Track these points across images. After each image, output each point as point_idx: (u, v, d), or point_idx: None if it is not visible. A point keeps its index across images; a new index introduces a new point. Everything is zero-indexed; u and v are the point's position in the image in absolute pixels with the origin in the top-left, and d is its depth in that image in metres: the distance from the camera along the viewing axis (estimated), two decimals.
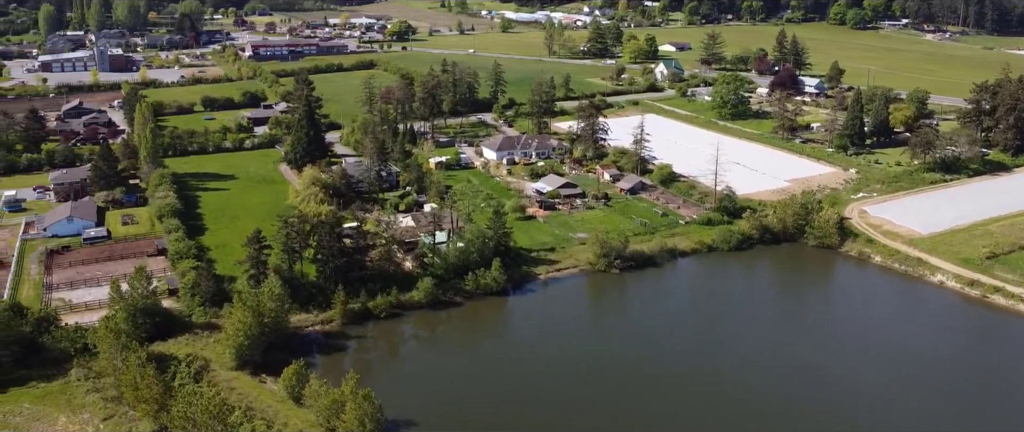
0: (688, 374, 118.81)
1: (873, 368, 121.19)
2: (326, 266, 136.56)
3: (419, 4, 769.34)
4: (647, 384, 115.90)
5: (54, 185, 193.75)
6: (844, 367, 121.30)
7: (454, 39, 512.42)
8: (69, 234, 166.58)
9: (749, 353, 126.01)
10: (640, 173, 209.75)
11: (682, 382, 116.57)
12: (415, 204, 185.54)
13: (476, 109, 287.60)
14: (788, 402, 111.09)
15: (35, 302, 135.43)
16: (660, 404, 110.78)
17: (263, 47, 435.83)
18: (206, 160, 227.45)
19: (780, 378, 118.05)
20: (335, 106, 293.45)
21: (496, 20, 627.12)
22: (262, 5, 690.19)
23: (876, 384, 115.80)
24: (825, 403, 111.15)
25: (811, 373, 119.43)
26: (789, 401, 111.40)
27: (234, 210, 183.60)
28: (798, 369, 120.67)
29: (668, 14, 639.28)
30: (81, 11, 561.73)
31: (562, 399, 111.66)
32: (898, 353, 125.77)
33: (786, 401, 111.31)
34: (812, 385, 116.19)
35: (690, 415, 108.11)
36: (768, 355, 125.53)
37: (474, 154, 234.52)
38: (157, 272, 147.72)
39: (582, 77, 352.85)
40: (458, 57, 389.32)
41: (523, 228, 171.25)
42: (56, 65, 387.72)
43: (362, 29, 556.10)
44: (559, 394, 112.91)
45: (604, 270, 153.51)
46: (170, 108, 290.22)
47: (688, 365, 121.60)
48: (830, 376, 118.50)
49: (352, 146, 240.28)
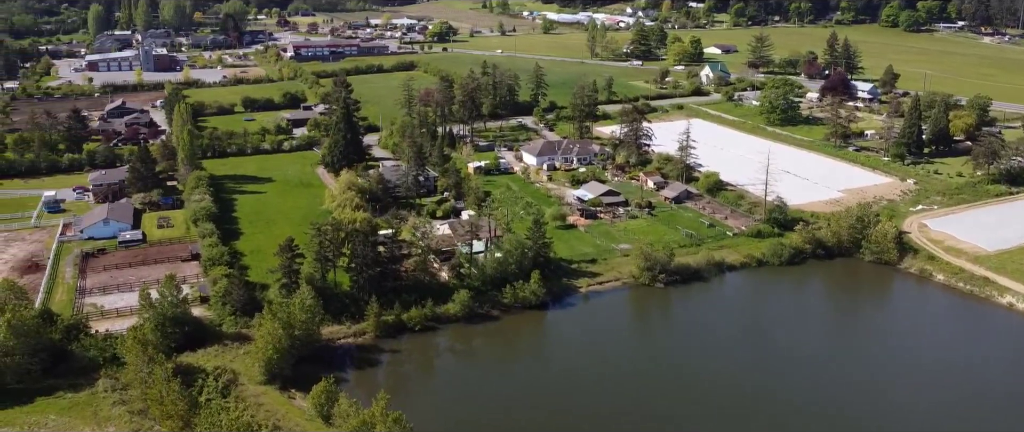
0: (736, 397, 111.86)
1: (935, 395, 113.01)
2: (360, 276, 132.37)
3: (461, 5, 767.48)
4: (693, 407, 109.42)
5: (93, 186, 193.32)
6: (904, 393, 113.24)
7: (495, 40, 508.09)
8: (105, 237, 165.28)
9: (802, 375, 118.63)
10: (685, 181, 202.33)
11: (730, 405, 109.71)
12: (453, 211, 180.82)
13: (516, 112, 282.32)
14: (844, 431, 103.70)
15: (67, 307, 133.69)
16: (706, 428, 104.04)
17: (304, 47, 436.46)
18: (244, 162, 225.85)
19: (836, 404, 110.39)
20: (374, 108, 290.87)
21: (538, 21, 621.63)
22: (305, 5, 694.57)
23: (938, 413, 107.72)
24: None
25: (869, 399, 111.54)
26: (845, 430, 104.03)
27: (270, 214, 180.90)
28: (855, 394, 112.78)
29: (713, 16, 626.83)
30: (129, 11, 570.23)
31: (604, 421, 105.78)
32: (963, 380, 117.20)
33: (842, 430, 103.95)
34: (870, 413, 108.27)
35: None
36: (823, 378, 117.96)
37: (514, 159, 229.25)
38: (190, 278, 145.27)
39: (625, 80, 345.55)
40: (499, 59, 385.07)
41: (563, 237, 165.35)
42: (102, 65, 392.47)
43: (403, 30, 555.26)
44: (600, 415, 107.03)
45: (648, 284, 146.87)
46: (211, 109, 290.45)
47: (736, 388, 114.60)
48: (889, 403, 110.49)
49: (390, 149, 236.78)
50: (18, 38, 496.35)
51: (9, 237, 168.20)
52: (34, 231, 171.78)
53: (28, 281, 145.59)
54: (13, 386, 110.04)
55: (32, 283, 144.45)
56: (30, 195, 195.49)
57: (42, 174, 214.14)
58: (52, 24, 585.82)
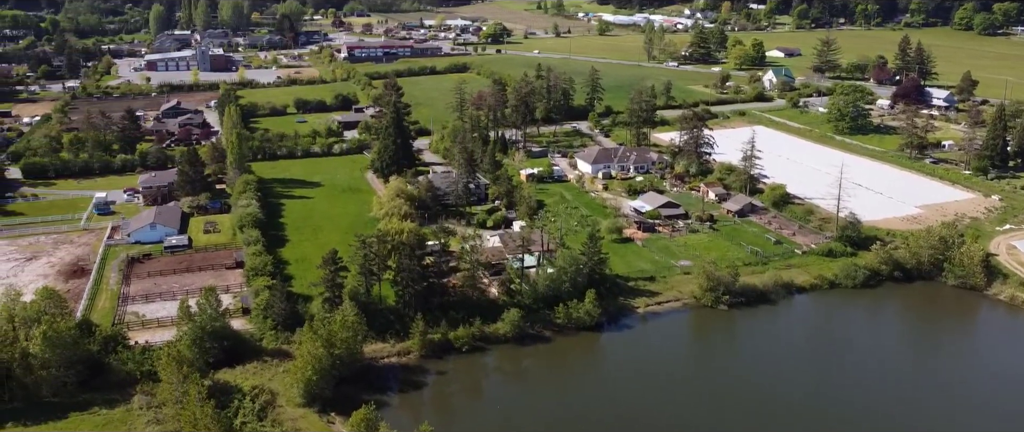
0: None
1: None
2: (405, 291, 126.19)
3: (515, 5, 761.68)
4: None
5: (142, 188, 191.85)
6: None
7: (550, 42, 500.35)
8: (151, 241, 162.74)
9: (878, 411, 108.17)
10: (749, 193, 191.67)
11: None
12: (504, 221, 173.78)
13: (571, 117, 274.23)
14: None
15: (109, 315, 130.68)
16: None
17: (358, 48, 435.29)
18: (294, 165, 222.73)
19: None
20: (426, 110, 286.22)
21: (593, 22, 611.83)
22: (360, 6, 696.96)
23: None
24: None
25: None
26: None
27: (317, 220, 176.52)
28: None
29: (774, 17, 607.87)
30: (189, 11, 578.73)
31: None
32: None
33: None
34: None
35: None
36: (900, 414, 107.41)
37: (568, 166, 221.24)
38: (233, 287, 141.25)
39: (683, 84, 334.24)
40: (553, 61, 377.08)
41: (619, 252, 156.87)
42: (161, 64, 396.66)
43: (457, 31, 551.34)
44: None
45: (711, 306, 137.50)
46: (263, 110, 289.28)
47: (804, 421, 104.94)
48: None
49: (441, 154, 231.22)
50: (83, 37, 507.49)
51: (58, 239, 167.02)
52: (83, 233, 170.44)
53: (72, 286, 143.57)
54: (49, 399, 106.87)
55: (76, 288, 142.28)
56: (82, 196, 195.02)
57: (95, 174, 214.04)
58: (116, 24, 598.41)
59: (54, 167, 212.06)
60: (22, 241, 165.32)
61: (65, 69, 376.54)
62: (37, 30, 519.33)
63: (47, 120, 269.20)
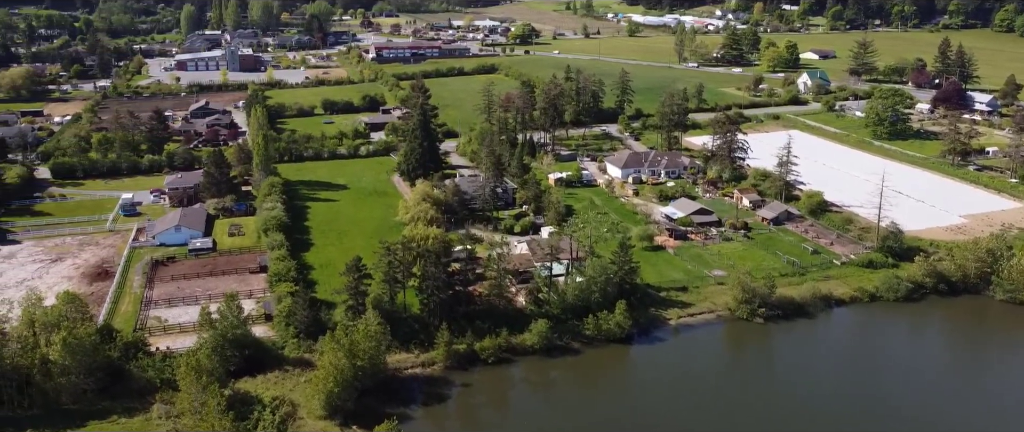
0: None
1: None
2: (430, 299, 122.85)
3: (544, 6, 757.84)
4: None
5: (169, 189, 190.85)
6: None
7: (579, 43, 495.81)
8: (176, 244, 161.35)
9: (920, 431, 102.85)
10: (785, 200, 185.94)
11: None
12: (531, 226, 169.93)
13: (600, 120, 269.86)
14: None
15: (131, 320, 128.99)
16: None
17: (386, 49, 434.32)
18: (320, 167, 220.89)
19: None
20: (453, 112, 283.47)
21: (622, 23, 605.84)
22: (389, 6, 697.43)
23: None
24: None
25: None
26: None
27: (343, 224, 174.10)
28: None
29: (808, 19, 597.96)
30: (219, 11, 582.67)
31: None
32: None
33: None
34: None
35: None
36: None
37: (597, 170, 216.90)
38: (256, 291, 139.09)
39: (715, 86, 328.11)
40: (582, 62, 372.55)
41: (650, 260, 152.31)
42: (190, 64, 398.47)
43: (485, 32, 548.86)
44: None
45: (746, 318, 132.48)
46: (291, 110, 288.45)
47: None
48: None
49: (468, 156, 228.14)
50: (116, 37, 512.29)
51: (84, 241, 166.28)
52: (109, 235, 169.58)
53: (96, 289, 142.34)
54: (68, 406, 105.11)
55: (100, 291, 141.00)
56: (109, 197, 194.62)
57: (123, 175, 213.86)
58: (148, 23, 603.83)
59: (82, 167, 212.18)
60: (48, 242, 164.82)
61: (97, 69, 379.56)
62: (71, 30, 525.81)
63: (77, 120, 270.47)
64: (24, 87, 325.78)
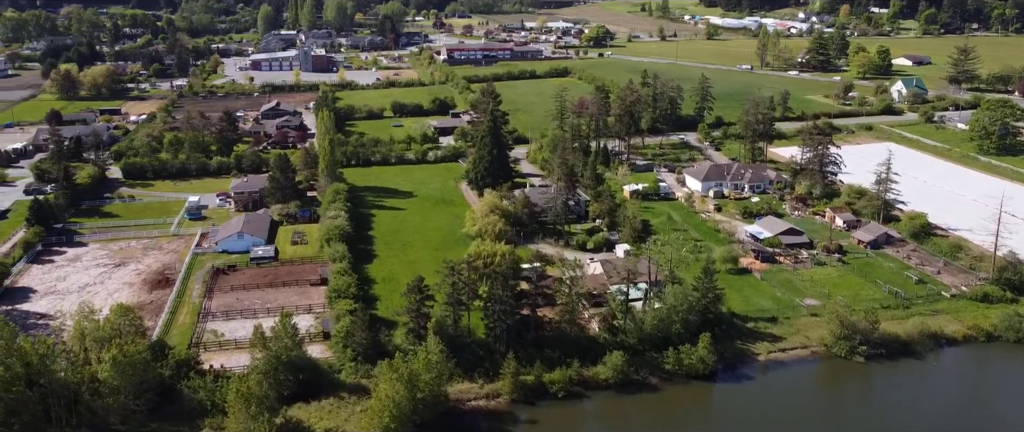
0: None
1: None
2: (496, 325, 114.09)
3: (618, 7, 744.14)
4: None
5: (234, 193, 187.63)
6: None
7: (654, 46, 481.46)
8: (238, 251, 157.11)
9: None
10: (883, 221, 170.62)
11: None
12: (605, 243, 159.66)
13: (678, 127, 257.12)
14: None
15: (187, 333, 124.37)
16: None
17: (458, 50, 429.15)
18: (387, 172, 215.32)
19: None
20: (524, 117, 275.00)
21: (700, 26, 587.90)
22: (462, 7, 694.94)
23: None
24: None
25: None
26: None
27: (407, 235, 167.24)
28: None
29: (898, 22, 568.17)
30: (295, 11, 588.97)
31: None
32: None
33: None
34: None
35: None
36: None
37: (675, 182, 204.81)
38: (316, 306, 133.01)
39: (801, 93, 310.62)
40: (658, 66, 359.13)
41: (735, 285, 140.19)
42: (265, 64, 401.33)
43: (558, 33, 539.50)
44: None
45: (844, 356, 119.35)
46: (360, 112, 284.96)
47: None
48: None
49: (539, 164, 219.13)
50: (196, 36, 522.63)
51: (148, 245, 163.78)
52: (173, 240, 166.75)
53: (155, 297, 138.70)
54: (116, 427, 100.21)
55: (159, 300, 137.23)
56: (176, 199, 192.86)
57: (191, 176, 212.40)
58: (227, 23, 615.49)
59: (152, 168, 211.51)
60: (113, 246, 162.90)
61: (175, 68, 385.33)
62: (154, 29, 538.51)
63: (152, 119, 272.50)
64: (105, 85, 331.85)
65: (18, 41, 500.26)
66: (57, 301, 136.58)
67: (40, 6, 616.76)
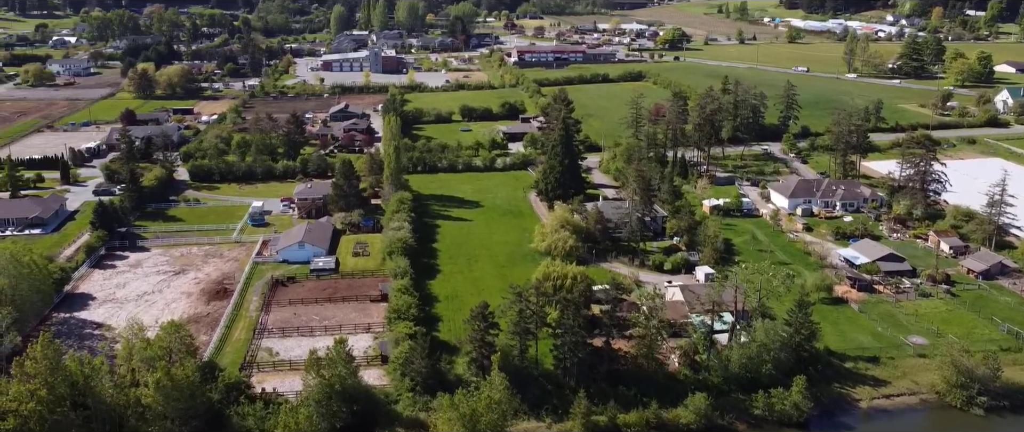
0: None
1: None
2: (567, 358, 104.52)
3: (694, 9, 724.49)
4: None
5: (297, 199, 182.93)
6: None
7: (733, 49, 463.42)
8: (299, 261, 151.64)
9: None
10: (994, 248, 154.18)
11: None
12: (684, 264, 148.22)
13: (761, 137, 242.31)
14: None
15: (241, 351, 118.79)
16: None
17: (528, 52, 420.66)
18: (453, 180, 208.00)
19: None
20: (596, 123, 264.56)
21: (780, 28, 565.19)
22: (534, 8, 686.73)
23: None
24: None
25: None
26: None
27: (473, 248, 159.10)
28: None
29: (997, 26, 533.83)
30: (367, 11, 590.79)
31: None
32: None
33: None
34: None
35: None
36: None
37: (759, 197, 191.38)
38: (375, 325, 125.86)
39: (893, 102, 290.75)
40: (738, 71, 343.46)
41: (829, 317, 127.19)
42: (336, 65, 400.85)
43: (632, 36, 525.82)
44: None
45: (960, 407, 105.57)
46: (428, 116, 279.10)
47: None
48: None
49: (612, 174, 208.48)
50: (270, 36, 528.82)
51: (209, 252, 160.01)
52: (234, 247, 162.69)
53: (212, 309, 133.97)
54: None
55: (216, 312, 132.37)
56: (240, 204, 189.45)
57: (257, 180, 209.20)
58: (301, 23, 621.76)
59: (219, 170, 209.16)
60: (175, 251, 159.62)
61: (248, 67, 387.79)
62: (231, 28, 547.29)
63: (222, 120, 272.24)
64: (179, 85, 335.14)
65: (103, 40, 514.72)
66: (114, 310, 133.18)
67: (125, 5, 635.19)
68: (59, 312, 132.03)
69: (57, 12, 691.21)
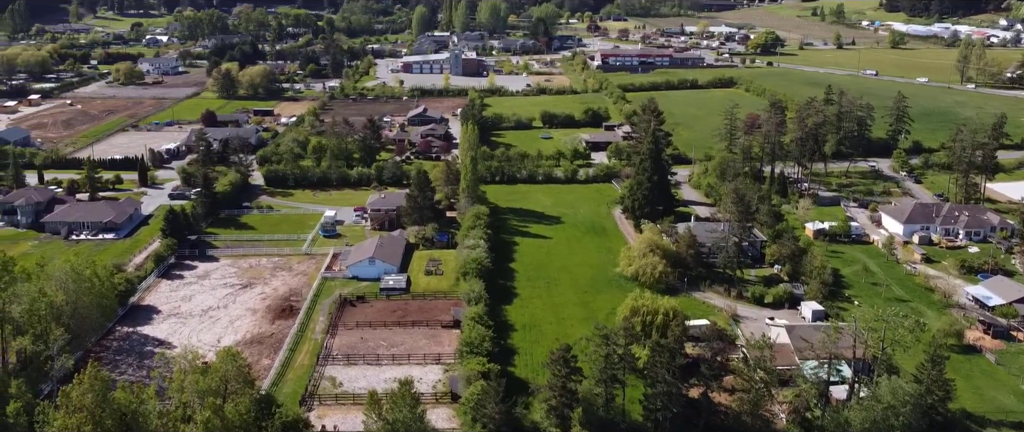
0: None
1: None
2: (658, 410, 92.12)
3: (786, 11, 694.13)
4: None
5: (370, 210, 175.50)
6: None
7: (830, 54, 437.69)
8: (369, 278, 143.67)
9: None
10: None
11: None
12: (788, 298, 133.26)
13: (867, 152, 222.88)
14: None
15: (303, 379, 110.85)
16: None
17: (612, 56, 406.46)
18: (533, 192, 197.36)
19: None
20: (685, 132, 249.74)
21: (881, 33, 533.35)
22: (618, 10, 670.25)
23: None
24: None
25: None
26: None
27: (553, 270, 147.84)
28: None
29: None
30: (449, 12, 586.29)
31: None
32: None
33: None
34: None
35: None
36: None
37: (868, 221, 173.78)
38: (445, 356, 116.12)
39: (1016, 116, 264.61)
40: (837, 79, 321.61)
41: (961, 369, 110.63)
42: (415, 66, 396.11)
43: (721, 39, 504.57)
44: None
45: None
46: (508, 122, 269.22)
47: None
48: None
49: (702, 190, 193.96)
50: (353, 37, 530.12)
51: (278, 264, 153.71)
52: (303, 259, 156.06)
53: (277, 329, 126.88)
54: None
55: (280, 333, 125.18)
56: (313, 212, 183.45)
57: (331, 187, 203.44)
58: (384, 24, 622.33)
59: (293, 176, 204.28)
60: (243, 263, 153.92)
61: (329, 68, 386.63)
62: (315, 28, 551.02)
63: (300, 122, 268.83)
64: (261, 85, 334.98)
65: (193, 39, 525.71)
66: (177, 326, 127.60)
67: (215, 5, 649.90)
68: (123, 326, 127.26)
69: (153, 11, 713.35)
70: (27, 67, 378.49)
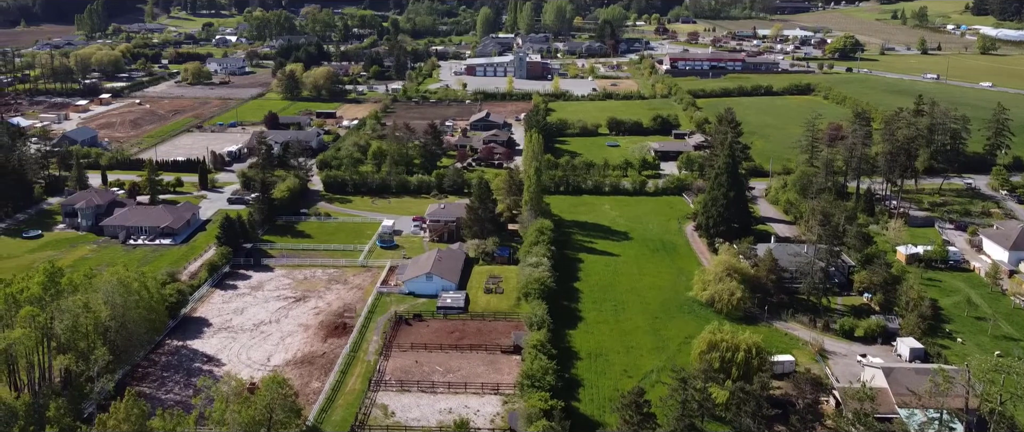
0: None
1: None
2: None
3: (863, 14, 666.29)
4: None
5: (429, 221, 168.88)
6: None
7: (913, 60, 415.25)
8: (426, 294, 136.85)
9: None
10: None
11: None
12: (881, 332, 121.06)
13: (961, 167, 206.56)
14: None
15: (354, 406, 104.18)
16: None
17: (681, 60, 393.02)
18: (599, 204, 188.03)
19: None
20: (759, 142, 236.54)
21: (969, 37, 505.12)
22: (687, 12, 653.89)
23: None
24: None
25: None
26: None
27: (620, 292, 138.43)
28: None
29: None
30: (514, 14, 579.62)
31: None
32: None
33: None
34: None
35: None
36: None
37: (967, 245, 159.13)
38: (504, 386, 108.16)
39: None
40: (922, 86, 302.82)
41: None
42: (479, 69, 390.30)
43: (796, 43, 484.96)
44: None
45: None
46: (573, 128, 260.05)
47: None
48: None
49: (781, 206, 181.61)
50: (417, 38, 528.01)
51: (334, 276, 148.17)
52: (359, 272, 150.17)
53: (329, 348, 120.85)
54: None
55: (332, 353, 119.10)
56: (371, 221, 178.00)
57: (391, 194, 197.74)
58: (448, 25, 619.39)
59: (353, 182, 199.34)
60: (298, 274, 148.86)
61: (393, 70, 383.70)
62: (380, 30, 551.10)
63: (361, 126, 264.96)
64: (325, 87, 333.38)
65: (261, 39, 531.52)
66: (228, 341, 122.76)
67: (284, 6, 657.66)
68: (173, 339, 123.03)
69: (223, 12, 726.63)
70: (100, 66, 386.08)
